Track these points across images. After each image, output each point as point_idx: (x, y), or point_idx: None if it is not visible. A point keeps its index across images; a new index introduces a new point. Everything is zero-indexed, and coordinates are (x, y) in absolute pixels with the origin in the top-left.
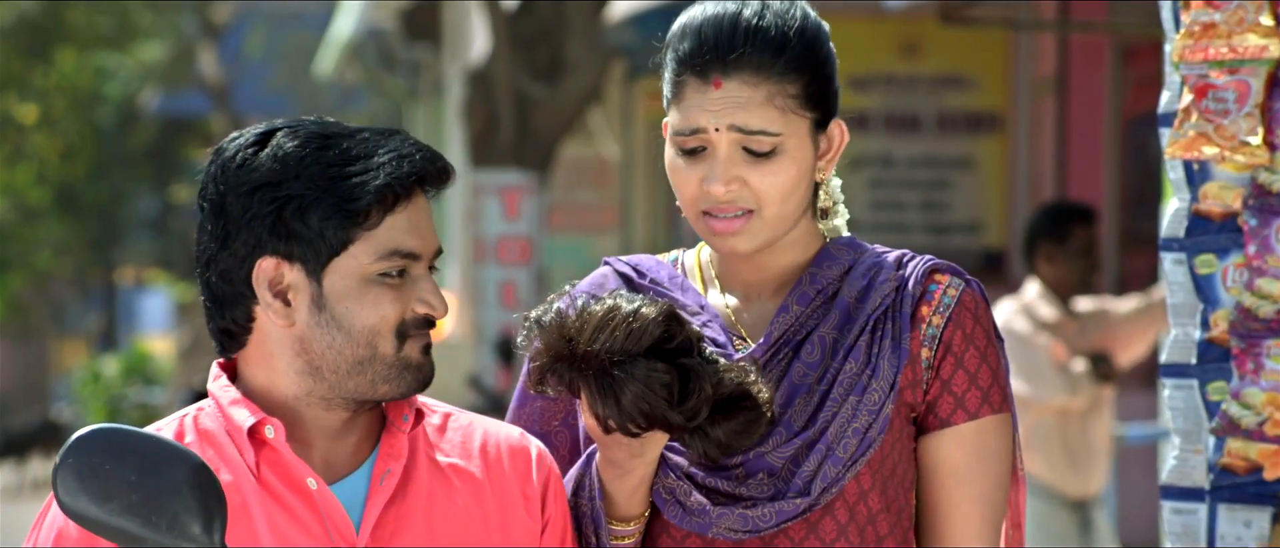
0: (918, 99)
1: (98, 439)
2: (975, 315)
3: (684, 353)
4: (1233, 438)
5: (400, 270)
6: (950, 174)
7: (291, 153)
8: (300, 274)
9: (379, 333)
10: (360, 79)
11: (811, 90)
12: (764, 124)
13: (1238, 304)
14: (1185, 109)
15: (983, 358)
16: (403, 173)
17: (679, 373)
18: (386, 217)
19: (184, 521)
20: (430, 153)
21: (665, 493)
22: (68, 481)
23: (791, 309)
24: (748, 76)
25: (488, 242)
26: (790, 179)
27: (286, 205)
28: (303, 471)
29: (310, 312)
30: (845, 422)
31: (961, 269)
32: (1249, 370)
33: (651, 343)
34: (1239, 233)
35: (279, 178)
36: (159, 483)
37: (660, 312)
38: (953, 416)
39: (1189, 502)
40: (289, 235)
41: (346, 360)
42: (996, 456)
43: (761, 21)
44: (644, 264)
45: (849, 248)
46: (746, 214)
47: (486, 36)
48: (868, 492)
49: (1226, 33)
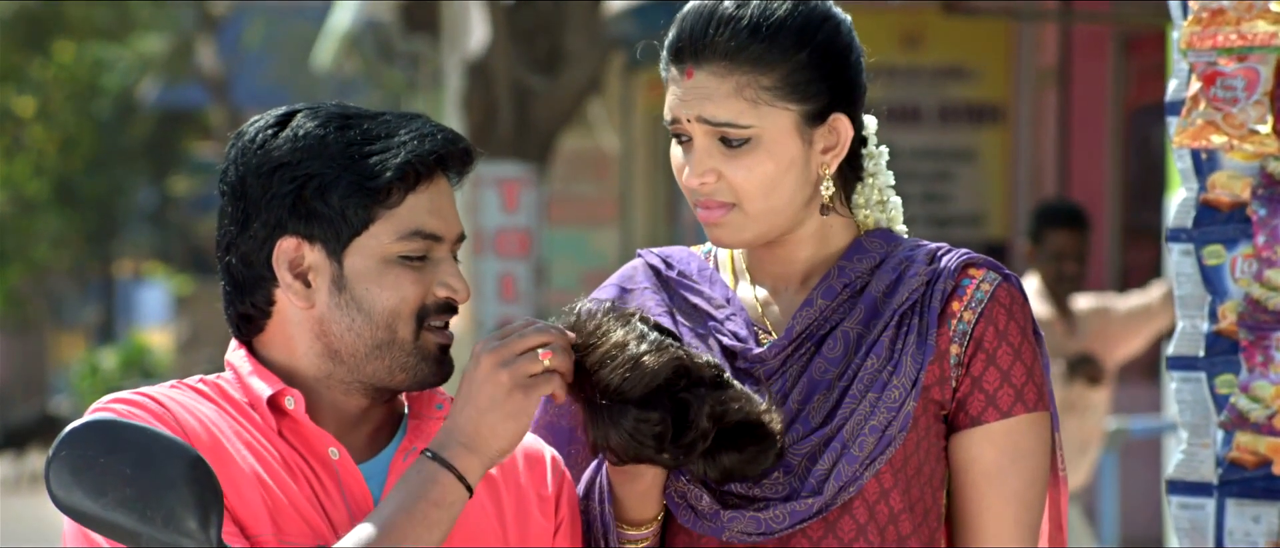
0: (919, 90)
1: (92, 432)
2: (1010, 311)
3: (689, 387)
4: (1241, 432)
5: (422, 254)
6: (952, 166)
7: (311, 132)
8: (321, 255)
9: (398, 315)
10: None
11: (797, 80)
12: (731, 116)
13: (1246, 295)
14: (1193, 97)
15: (1017, 355)
16: (424, 151)
17: (676, 409)
18: (408, 196)
19: (180, 515)
20: (452, 134)
21: (677, 496)
22: (61, 474)
23: (816, 303)
24: (716, 67)
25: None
26: (767, 173)
27: (306, 185)
28: (325, 440)
29: (331, 293)
30: (862, 419)
31: (999, 264)
32: (1258, 363)
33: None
34: (1248, 223)
35: (299, 157)
36: (154, 477)
37: (662, 364)
38: (984, 414)
39: (1197, 497)
40: (309, 215)
41: (366, 343)
42: (1031, 455)
43: (740, 10)
44: (675, 257)
45: (882, 241)
46: (727, 207)
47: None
48: (889, 491)
49: (1235, 19)
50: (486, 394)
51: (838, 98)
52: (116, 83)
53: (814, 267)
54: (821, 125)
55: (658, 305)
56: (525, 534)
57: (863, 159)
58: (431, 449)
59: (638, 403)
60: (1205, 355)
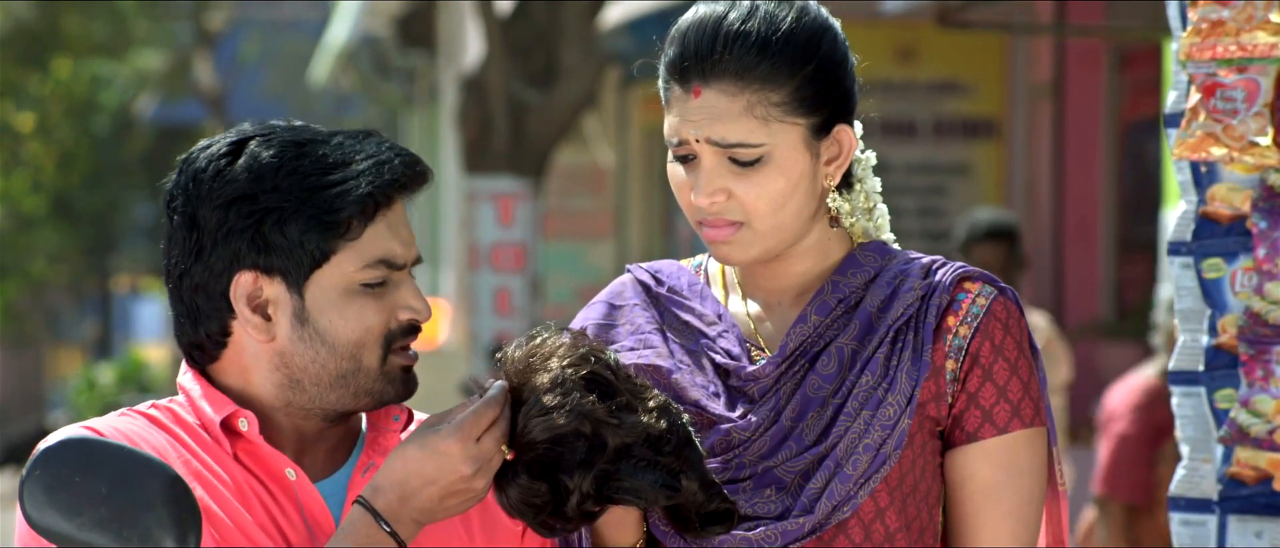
0: (914, 105)
1: (67, 451)
2: (1005, 326)
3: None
4: (1241, 447)
5: (383, 280)
6: (947, 180)
7: (267, 163)
8: (281, 288)
9: (364, 345)
10: (355, 86)
11: (805, 94)
12: (743, 136)
13: (1247, 309)
14: (1192, 109)
15: (1013, 370)
16: (384, 180)
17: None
18: (367, 226)
19: (157, 535)
20: (408, 157)
21: (662, 525)
22: (35, 494)
23: (810, 319)
24: (726, 85)
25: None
26: (778, 190)
27: (265, 219)
28: (281, 462)
29: (292, 326)
30: (857, 437)
31: (995, 278)
32: (1258, 378)
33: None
34: (1248, 236)
35: (255, 190)
36: (131, 497)
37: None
38: (980, 430)
39: (1198, 513)
40: (268, 248)
41: (329, 374)
42: (1028, 471)
43: (745, 25)
44: (664, 272)
45: (877, 254)
46: (736, 225)
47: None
48: (884, 510)
49: (1235, 30)
50: (452, 484)
51: (838, 108)
52: (114, 99)
53: (808, 281)
54: (826, 137)
55: (648, 322)
56: (492, 535)
57: (852, 166)
58: (386, 520)
59: (527, 468)
60: (1205, 370)
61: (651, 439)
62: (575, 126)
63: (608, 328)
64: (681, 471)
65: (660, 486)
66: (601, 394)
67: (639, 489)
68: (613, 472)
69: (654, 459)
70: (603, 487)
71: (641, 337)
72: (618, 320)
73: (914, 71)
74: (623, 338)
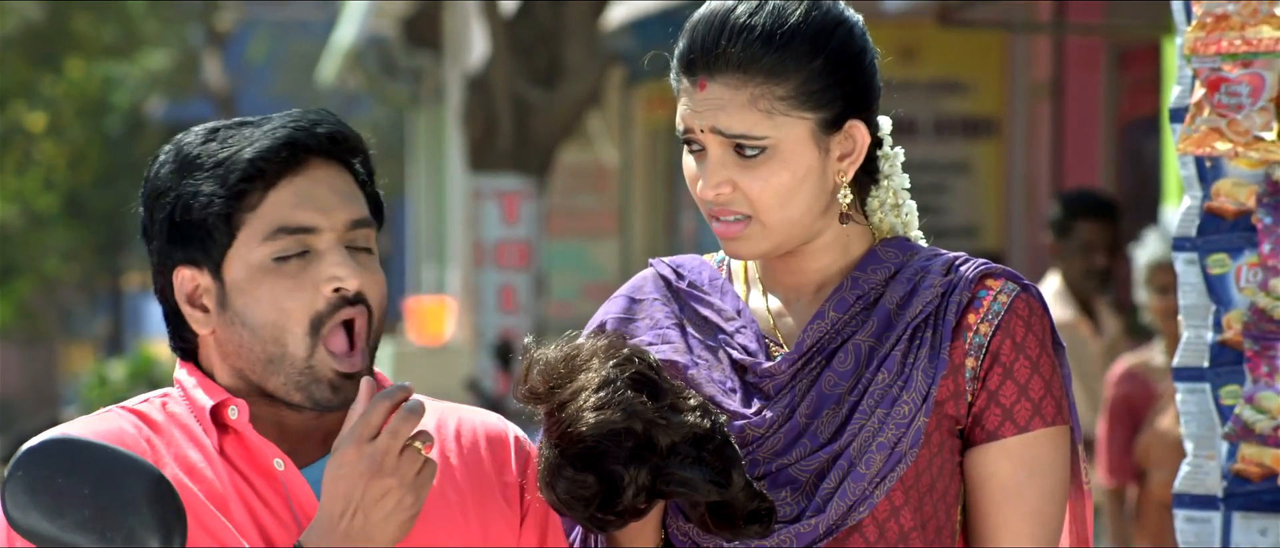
0: (915, 103)
1: (49, 451)
2: (1027, 323)
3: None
4: (1246, 444)
5: (298, 251)
6: (947, 178)
7: (181, 151)
8: (208, 277)
9: (284, 328)
10: (362, 86)
11: (812, 88)
12: (746, 128)
13: (1251, 305)
14: (1197, 104)
15: (1035, 368)
16: (275, 142)
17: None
18: (269, 193)
19: (141, 536)
20: (314, 117)
21: (681, 536)
22: (17, 495)
23: (828, 315)
24: (730, 78)
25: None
26: (783, 183)
27: (176, 207)
28: (269, 451)
29: (218, 313)
30: (871, 436)
31: (1018, 274)
32: (1263, 374)
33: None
34: (1252, 231)
35: (169, 182)
36: (114, 497)
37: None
38: (1000, 429)
39: (1202, 510)
40: (185, 238)
41: (258, 358)
42: (1049, 470)
43: (752, 19)
44: (686, 266)
45: (898, 251)
46: (744, 220)
47: (486, 43)
48: (899, 509)
49: (1239, 25)
50: (375, 504)
51: (853, 103)
52: (125, 99)
53: (829, 277)
54: (837, 132)
55: (667, 317)
56: (487, 528)
57: (878, 161)
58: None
59: (573, 462)
60: (1210, 366)
61: (696, 438)
62: (579, 125)
63: (627, 322)
64: (727, 467)
65: (710, 481)
66: (649, 394)
67: (692, 482)
68: (663, 467)
69: (698, 457)
70: (656, 480)
71: (660, 332)
72: (637, 315)
73: (915, 71)
74: (642, 332)
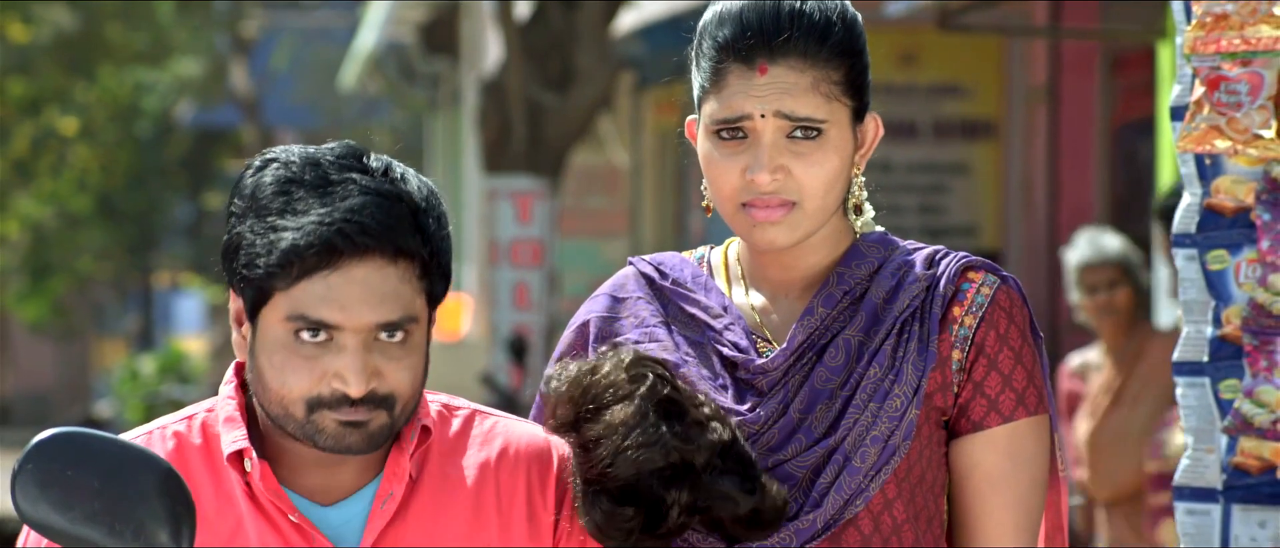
0: (915, 107)
1: (59, 445)
2: (1009, 314)
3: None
4: (1246, 437)
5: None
6: (946, 179)
7: (261, 186)
8: (245, 314)
9: (285, 399)
10: (382, 91)
11: (852, 78)
12: (810, 111)
13: (1251, 300)
14: (1196, 102)
15: (1017, 359)
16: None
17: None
18: (300, 281)
19: (150, 529)
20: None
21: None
22: (27, 488)
23: (817, 312)
24: (794, 62)
25: (501, 245)
26: (833, 169)
27: (233, 239)
28: (285, 506)
29: (247, 346)
30: (864, 430)
31: (997, 266)
32: (1262, 368)
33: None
34: (1252, 228)
35: (242, 210)
36: (124, 490)
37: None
38: (986, 419)
39: (1202, 503)
40: (232, 271)
41: (268, 407)
42: (1032, 459)
43: (804, 6)
44: (667, 264)
45: (880, 246)
46: (788, 206)
47: (500, 48)
48: (893, 501)
49: (1239, 24)
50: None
51: (869, 96)
52: (155, 104)
53: (816, 273)
54: (861, 123)
55: (652, 315)
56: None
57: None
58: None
59: (610, 494)
60: (1210, 360)
61: (721, 449)
62: (590, 128)
63: (611, 321)
64: (751, 470)
65: (742, 489)
66: (676, 416)
67: (729, 494)
68: (699, 482)
69: (725, 466)
70: (696, 496)
71: (646, 330)
72: (621, 313)
73: (915, 75)
74: (627, 331)
